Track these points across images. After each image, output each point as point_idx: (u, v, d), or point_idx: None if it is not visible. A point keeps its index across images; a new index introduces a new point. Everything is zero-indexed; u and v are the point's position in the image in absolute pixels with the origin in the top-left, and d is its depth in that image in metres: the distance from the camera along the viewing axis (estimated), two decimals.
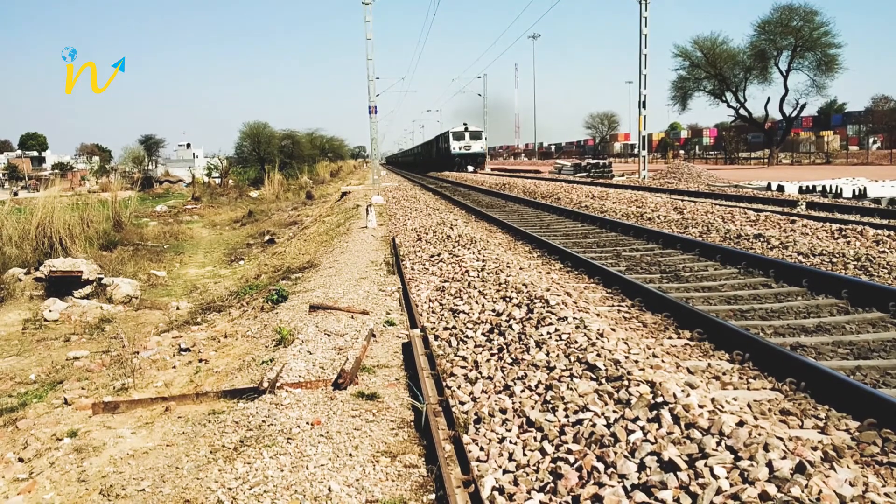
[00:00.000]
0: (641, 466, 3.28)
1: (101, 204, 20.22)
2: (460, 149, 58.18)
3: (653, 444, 3.40)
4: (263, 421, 4.44)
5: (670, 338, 5.98)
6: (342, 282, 9.14)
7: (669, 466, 3.19)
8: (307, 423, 4.38)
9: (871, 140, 64.88)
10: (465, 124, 59.35)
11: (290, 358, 5.74)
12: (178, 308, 10.89)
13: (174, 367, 6.74)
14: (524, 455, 3.80)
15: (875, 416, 3.95)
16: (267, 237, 21.52)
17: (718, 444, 3.27)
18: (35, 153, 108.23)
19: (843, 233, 10.63)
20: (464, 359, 5.60)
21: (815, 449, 3.41)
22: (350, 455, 3.94)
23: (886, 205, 16.90)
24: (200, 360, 6.75)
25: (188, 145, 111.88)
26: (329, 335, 6.46)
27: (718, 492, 2.95)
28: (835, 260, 8.67)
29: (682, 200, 17.17)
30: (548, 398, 4.33)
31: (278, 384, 5.06)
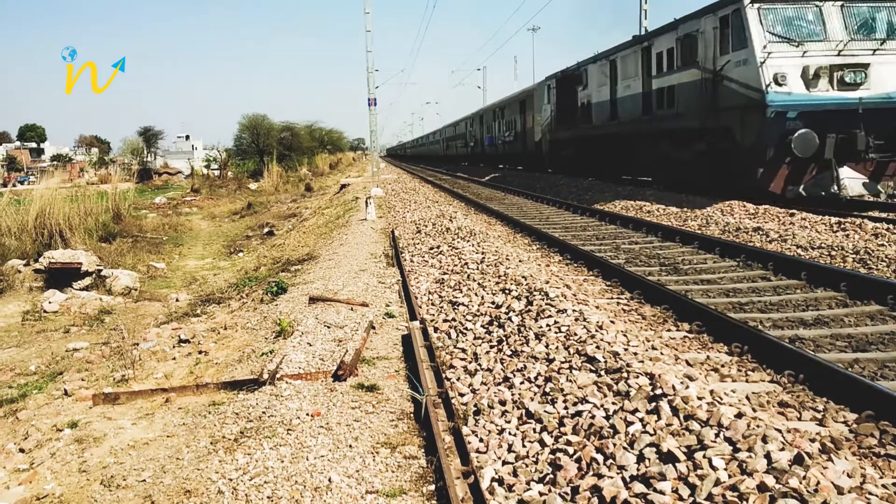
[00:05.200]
0: (640, 458, 3.29)
1: (100, 196, 20.19)
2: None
3: (652, 435, 3.41)
4: (264, 412, 4.45)
5: (669, 330, 5.99)
6: (341, 274, 9.14)
7: (668, 458, 3.20)
8: (307, 414, 4.39)
9: None
10: None
11: (290, 349, 5.75)
12: (177, 300, 10.90)
13: (174, 358, 6.75)
14: (523, 446, 3.82)
15: (873, 409, 3.97)
16: (266, 229, 21.49)
17: (717, 435, 3.28)
18: (34, 145, 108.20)
19: (842, 226, 10.64)
20: (463, 351, 5.62)
21: (813, 440, 3.42)
22: (350, 446, 3.95)
23: (885, 198, 16.87)
24: (200, 352, 6.76)
25: (187, 137, 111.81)
26: (329, 327, 6.46)
27: (717, 483, 2.96)
28: (833, 253, 8.68)
29: (682, 193, 17.13)
30: (547, 390, 4.34)
31: (278, 375, 5.07)
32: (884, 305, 6.30)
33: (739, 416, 3.43)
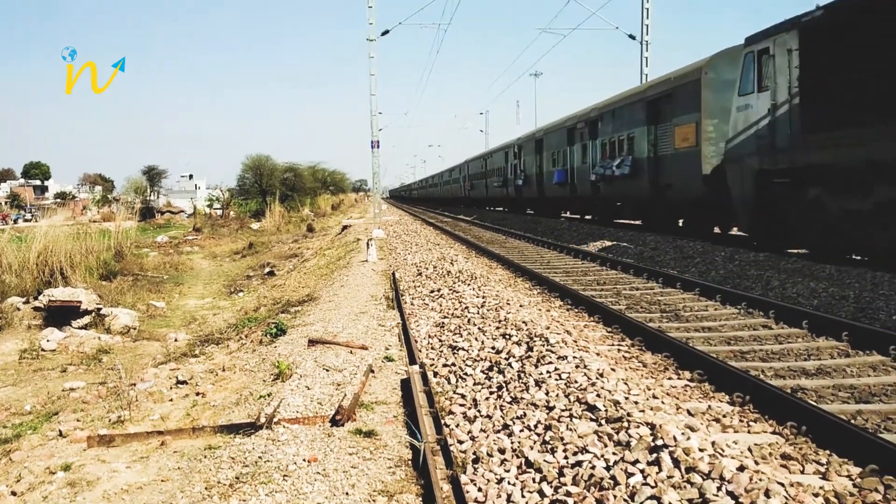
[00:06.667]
0: None
1: (102, 234, 20.27)
2: None
3: (653, 487, 3.36)
4: (260, 457, 4.40)
5: (670, 378, 5.95)
6: (341, 316, 9.12)
7: None
8: (304, 459, 4.34)
9: None
10: None
11: (288, 393, 5.71)
12: (176, 340, 10.86)
13: (171, 399, 6.70)
14: (522, 496, 3.76)
15: (877, 462, 3.92)
16: (267, 269, 21.52)
17: (719, 488, 3.24)
18: (38, 182, 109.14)
19: (843, 274, 10.63)
20: (463, 396, 5.57)
21: (816, 495, 3.37)
22: (347, 493, 3.89)
23: None
24: (198, 394, 6.70)
25: (190, 176, 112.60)
26: (327, 370, 6.43)
27: None
28: (834, 302, 8.66)
29: (683, 239, 17.20)
30: (547, 439, 4.30)
31: (276, 419, 5.03)
32: (886, 356, 6.27)
33: (742, 468, 3.38)
